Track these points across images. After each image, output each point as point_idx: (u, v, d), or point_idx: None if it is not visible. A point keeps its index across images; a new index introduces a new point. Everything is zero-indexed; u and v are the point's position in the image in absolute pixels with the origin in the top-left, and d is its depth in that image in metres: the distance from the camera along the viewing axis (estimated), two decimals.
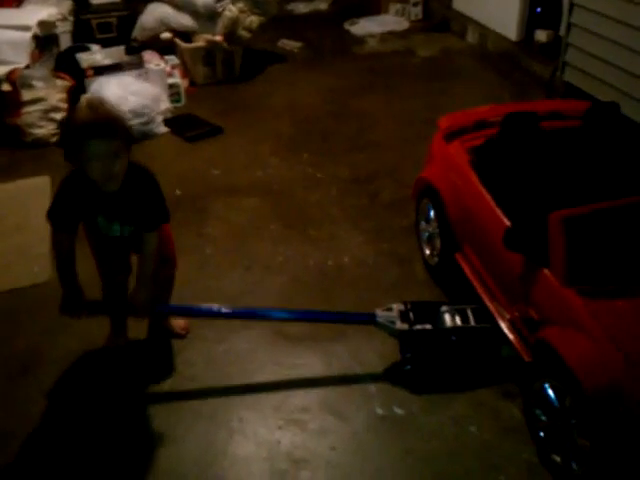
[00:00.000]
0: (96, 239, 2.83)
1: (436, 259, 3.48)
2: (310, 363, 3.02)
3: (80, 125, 2.45)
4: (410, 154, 4.66)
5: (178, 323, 3.16)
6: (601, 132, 3.09)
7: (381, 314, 2.92)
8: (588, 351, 2.32)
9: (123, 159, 2.49)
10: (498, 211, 2.91)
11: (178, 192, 4.24)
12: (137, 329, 3.13)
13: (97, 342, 3.10)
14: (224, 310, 2.89)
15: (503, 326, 2.88)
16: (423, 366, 2.91)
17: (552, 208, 2.59)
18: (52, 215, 2.63)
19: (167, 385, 2.92)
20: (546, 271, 2.58)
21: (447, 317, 2.92)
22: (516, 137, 3.09)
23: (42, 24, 5.48)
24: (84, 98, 2.57)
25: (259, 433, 2.70)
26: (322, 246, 3.81)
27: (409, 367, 2.90)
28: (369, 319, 2.93)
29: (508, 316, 2.88)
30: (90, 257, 2.90)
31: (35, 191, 4.40)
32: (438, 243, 3.43)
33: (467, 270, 3.20)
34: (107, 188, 2.53)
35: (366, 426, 2.72)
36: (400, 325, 2.87)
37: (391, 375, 2.93)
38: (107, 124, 2.46)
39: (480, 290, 3.08)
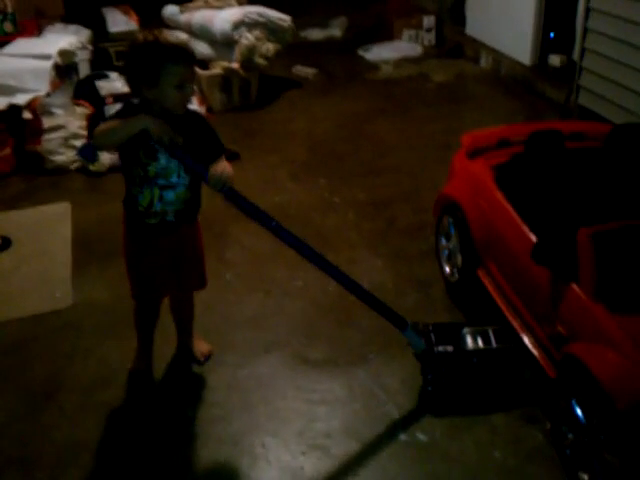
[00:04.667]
0: (140, 226, 2.75)
1: (456, 276, 3.49)
2: (331, 388, 3.02)
3: (166, 49, 2.45)
4: (426, 178, 4.69)
5: (200, 349, 3.16)
6: (625, 153, 3.10)
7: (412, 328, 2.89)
8: (619, 367, 2.31)
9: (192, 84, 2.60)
10: (524, 227, 2.92)
11: None
12: (161, 354, 3.15)
13: (117, 367, 3.12)
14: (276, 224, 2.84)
15: (527, 342, 2.88)
16: (444, 388, 2.90)
17: (580, 224, 2.60)
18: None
19: (190, 410, 2.92)
20: (575, 286, 2.58)
21: (469, 339, 2.91)
22: (543, 154, 3.12)
23: (62, 53, 5.59)
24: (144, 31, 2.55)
25: (282, 459, 2.69)
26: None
27: (430, 388, 2.90)
28: (401, 324, 2.85)
29: (532, 332, 2.87)
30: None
31: (55, 217, 4.45)
32: (459, 260, 3.45)
33: (489, 286, 3.21)
34: (178, 110, 2.55)
35: (389, 452, 2.70)
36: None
37: (413, 397, 2.92)
38: (188, 49, 2.53)
39: (503, 306, 3.09)
